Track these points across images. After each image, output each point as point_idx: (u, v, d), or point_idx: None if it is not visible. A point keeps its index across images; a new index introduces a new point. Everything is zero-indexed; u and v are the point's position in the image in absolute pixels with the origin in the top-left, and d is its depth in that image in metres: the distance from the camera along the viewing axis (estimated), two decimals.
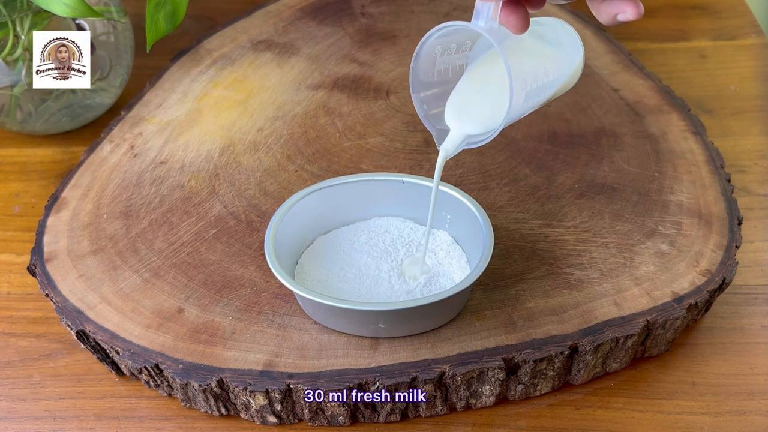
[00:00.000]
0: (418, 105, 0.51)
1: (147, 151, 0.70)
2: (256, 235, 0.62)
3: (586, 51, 0.80)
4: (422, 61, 0.49)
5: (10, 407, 0.57)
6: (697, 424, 0.55)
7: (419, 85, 0.51)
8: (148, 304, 0.58)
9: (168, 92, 0.76)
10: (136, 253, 0.61)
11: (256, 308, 0.57)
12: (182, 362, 0.54)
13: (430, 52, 0.49)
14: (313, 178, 0.67)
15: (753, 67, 0.85)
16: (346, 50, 0.81)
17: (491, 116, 0.50)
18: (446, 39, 0.49)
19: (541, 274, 0.59)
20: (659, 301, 0.57)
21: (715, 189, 0.65)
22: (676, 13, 0.93)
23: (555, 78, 0.51)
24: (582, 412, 0.56)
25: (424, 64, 0.50)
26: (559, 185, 0.66)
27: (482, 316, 0.56)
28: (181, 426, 0.56)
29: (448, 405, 0.55)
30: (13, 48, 0.70)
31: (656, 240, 0.61)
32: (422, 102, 0.51)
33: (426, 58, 0.49)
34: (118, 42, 0.77)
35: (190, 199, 0.66)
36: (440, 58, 0.50)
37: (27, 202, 0.72)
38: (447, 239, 0.61)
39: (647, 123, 0.72)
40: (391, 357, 0.54)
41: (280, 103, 0.75)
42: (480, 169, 0.68)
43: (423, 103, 0.51)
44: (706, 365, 0.58)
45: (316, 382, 0.53)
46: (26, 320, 0.62)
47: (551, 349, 0.54)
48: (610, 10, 0.45)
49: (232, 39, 0.83)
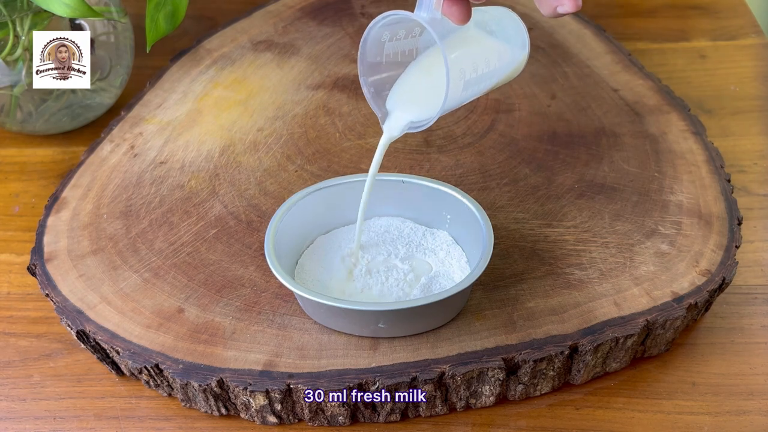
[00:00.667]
0: (366, 89, 0.54)
1: (147, 151, 0.70)
2: (256, 235, 0.62)
3: (587, 52, 0.81)
4: (369, 47, 0.52)
5: (10, 407, 0.57)
6: (697, 424, 0.55)
7: (368, 69, 0.53)
8: (148, 304, 0.58)
9: (168, 92, 0.76)
10: (136, 253, 0.61)
11: (256, 308, 0.57)
12: (182, 362, 0.54)
13: (378, 38, 0.52)
14: (313, 178, 0.67)
15: (753, 67, 0.85)
16: (346, 50, 0.81)
17: (431, 103, 0.52)
18: (394, 27, 0.52)
19: (541, 274, 0.59)
20: (659, 301, 0.57)
21: (715, 189, 0.65)
22: (676, 13, 0.93)
23: (496, 68, 0.53)
24: (582, 412, 0.56)
25: (372, 48, 0.52)
26: (559, 185, 0.66)
27: (482, 316, 0.56)
28: (181, 426, 0.56)
29: (448, 405, 0.55)
30: (13, 48, 0.70)
31: (656, 240, 0.61)
32: (370, 86, 0.54)
33: (373, 44, 0.52)
34: (118, 42, 0.77)
35: (190, 199, 0.66)
36: (389, 43, 0.53)
37: (27, 202, 0.72)
38: (447, 239, 0.61)
39: (647, 123, 0.72)
40: (391, 357, 0.54)
41: (280, 103, 0.75)
42: (480, 169, 0.68)
43: (371, 86, 0.54)
44: (706, 365, 0.58)
45: (316, 382, 0.53)
46: (26, 320, 0.62)
47: (551, 349, 0.54)
48: (551, 3, 0.47)
49: (232, 39, 0.83)
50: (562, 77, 0.77)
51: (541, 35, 0.83)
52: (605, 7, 0.95)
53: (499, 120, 0.73)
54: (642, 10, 0.94)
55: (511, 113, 0.73)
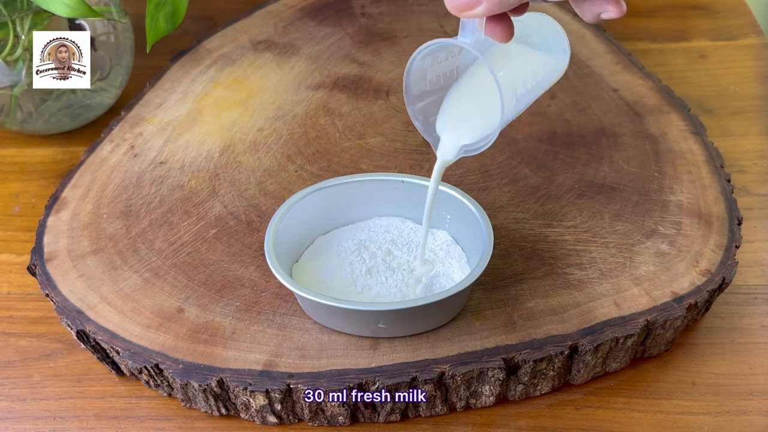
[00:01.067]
0: (414, 116, 0.53)
1: (147, 151, 0.70)
2: (256, 235, 0.62)
3: (587, 52, 0.81)
4: (413, 78, 0.51)
5: (10, 407, 0.57)
6: (697, 424, 0.55)
7: (413, 98, 0.52)
8: (148, 304, 0.58)
9: (168, 92, 0.76)
10: (136, 253, 0.61)
11: (256, 308, 0.57)
12: (182, 362, 0.54)
13: (420, 67, 0.51)
14: (313, 178, 0.67)
15: (753, 67, 0.85)
16: (346, 50, 0.81)
17: (484, 124, 0.51)
18: (435, 53, 0.51)
19: (541, 274, 0.59)
20: (659, 301, 0.57)
21: (715, 189, 0.65)
22: (676, 13, 0.93)
23: (543, 78, 0.53)
24: (582, 412, 0.56)
25: (415, 78, 0.51)
26: (559, 185, 0.66)
27: (482, 316, 0.56)
28: (181, 426, 0.56)
29: (448, 405, 0.55)
30: (13, 48, 0.70)
31: (656, 240, 0.61)
32: (418, 113, 0.53)
33: (417, 74, 0.51)
34: (118, 42, 0.77)
35: (190, 199, 0.66)
36: (431, 68, 0.52)
37: (27, 202, 0.72)
38: (447, 239, 0.61)
39: (647, 123, 0.72)
40: (391, 357, 0.54)
41: (280, 103, 0.75)
42: (480, 169, 0.68)
43: (419, 113, 0.53)
44: (706, 365, 0.58)
45: (316, 382, 0.53)
46: (26, 320, 0.62)
47: (551, 349, 0.54)
48: (594, 10, 0.46)
49: (232, 39, 0.83)
50: (562, 77, 0.77)
51: None
52: None
53: None
54: (642, 10, 0.94)
55: None
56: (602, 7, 0.45)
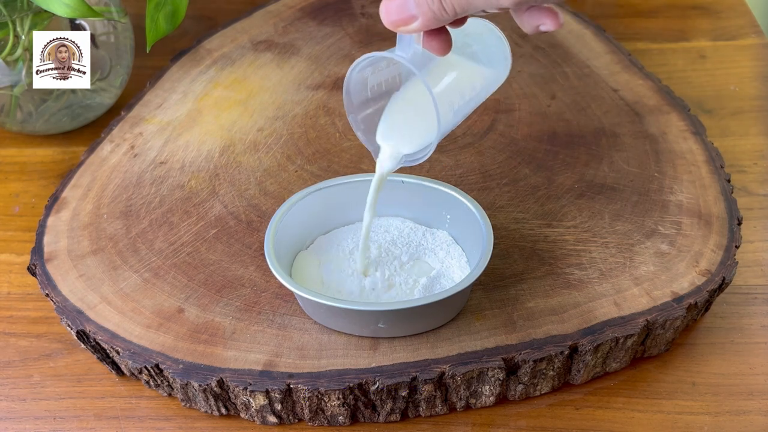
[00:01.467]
0: (356, 126, 0.53)
1: (147, 151, 0.70)
2: (256, 235, 0.63)
3: (587, 52, 0.81)
4: (353, 87, 0.52)
5: (10, 407, 0.57)
6: (696, 424, 0.55)
7: (354, 107, 0.53)
8: (148, 304, 0.58)
9: (168, 92, 0.76)
10: (136, 253, 0.61)
11: (256, 308, 0.57)
12: (182, 362, 0.54)
13: (361, 76, 0.51)
14: (313, 178, 0.67)
15: (753, 67, 0.85)
16: (346, 50, 0.81)
17: (423, 135, 0.52)
18: (375, 63, 0.51)
19: (541, 274, 0.59)
20: (659, 301, 0.57)
21: (715, 189, 0.65)
22: (676, 13, 0.93)
23: (482, 88, 0.53)
24: (582, 412, 0.56)
25: (356, 88, 0.52)
26: (559, 185, 0.66)
27: (482, 316, 0.56)
28: (181, 426, 0.56)
29: (448, 405, 0.55)
30: (14, 48, 0.70)
31: (656, 240, 0.61)
32: (360, 123, 0.53)
33: (357, 84, 0.52)
34: (118, 42, 0.77)
35: (190, 199, 0.66)
36: (372, 76, 0.52)
37: (27, 202, 0.72)
38: (447, 239, 0.61)
39: (647, 123, 0.72)
40: (391, 357, 0.54)
41: (280, 103, 0.75)
42: (480, 169, 0.68)
43: (361, 123, 0.53)
44: (705, 365, 0.58)
45: (316, 382, 0.53)
46: (26, 320, 0.62)
47: (551, 349, 0.54)
48: (533, 22, 0.46)
49: (232, 39, 0.83)
50: (562, 77, 0.77)
51: (542, 35, 0.83)
52: (605, 7, 0.95)
53: (499, 120, 0.73)
54: (642, 10, 0.94)
55: (511, 113, 0.73)
56: (540, 20, 0.46)
